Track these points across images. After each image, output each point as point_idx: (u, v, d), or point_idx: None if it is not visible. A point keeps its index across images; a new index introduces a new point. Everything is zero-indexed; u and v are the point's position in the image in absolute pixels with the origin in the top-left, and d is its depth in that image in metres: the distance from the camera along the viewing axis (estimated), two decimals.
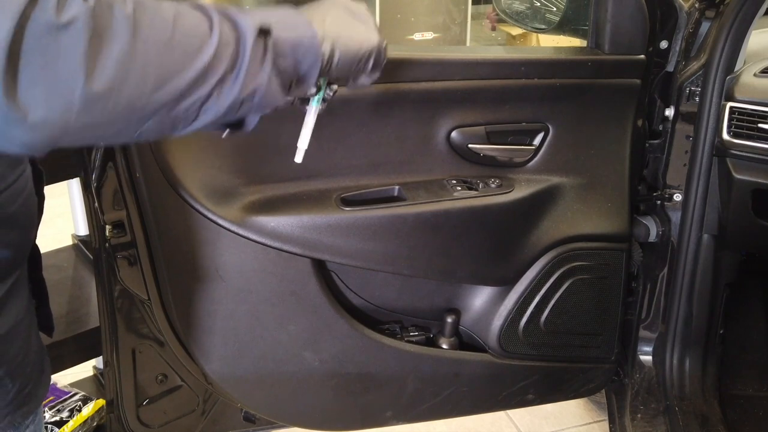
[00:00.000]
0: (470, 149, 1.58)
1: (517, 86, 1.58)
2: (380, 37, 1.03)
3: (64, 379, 1.96)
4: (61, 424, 1.78)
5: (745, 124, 1.64)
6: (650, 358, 1.92)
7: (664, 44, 1.68)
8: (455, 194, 1.55)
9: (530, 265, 1.67)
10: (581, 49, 1.69)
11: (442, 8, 5.85)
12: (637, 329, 1.90)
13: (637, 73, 1.63)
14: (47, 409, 1.81)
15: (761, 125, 1.62)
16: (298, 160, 1.13)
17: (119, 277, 1.53)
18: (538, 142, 1.63)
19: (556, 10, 1.82)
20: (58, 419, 1.79)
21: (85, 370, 2.03)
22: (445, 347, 1.71)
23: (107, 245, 1.50)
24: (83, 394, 1.88)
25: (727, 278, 1.86)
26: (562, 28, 1.81)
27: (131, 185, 1.46)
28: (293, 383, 1.64)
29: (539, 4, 1.86)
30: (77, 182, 2.03)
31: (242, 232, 1.45)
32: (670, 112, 1.73)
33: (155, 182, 1.43)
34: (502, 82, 1.57)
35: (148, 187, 1.44)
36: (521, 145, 1.63)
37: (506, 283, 1.69)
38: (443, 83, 1.53)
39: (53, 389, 1.88)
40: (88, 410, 1.83)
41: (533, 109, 1.61)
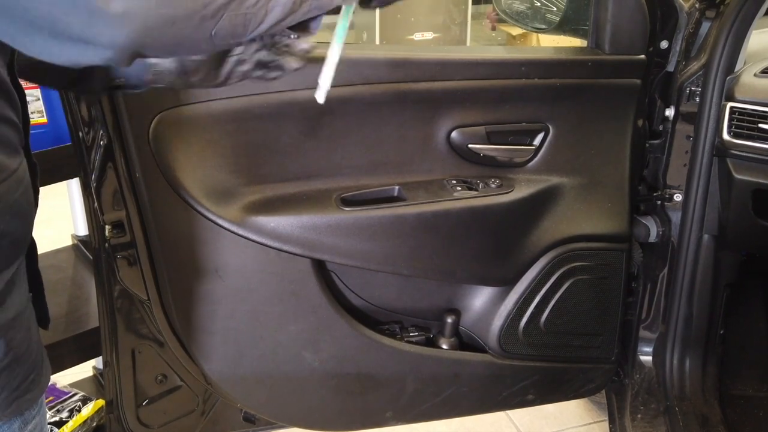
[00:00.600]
0: (470, 149, 1.58)
1: (517, 86, 1.58)
2: None
3: (63, 379, 1.95)
4: (60, 424, 1.78)
5: (745, 124, 1.64)
6: (650, 358, 1.92)
7: (664, 44, 1.68)
8: (455, 194, 1.55)
9: (530, 265, 1.67)
10: (581, 49, 1.69)
11: (442, 8, 5.86)
12: (637, 329, 1.90)
13: (637, 73, 1.63)
14: (47, 409, 1.81)
15: (761, 125, 1.62)
16: (320, 100, 0.98)
17: (119, 277, 1.53)
18: (538, 142, 1.63)
19: (556, 10, 1.82)
20: (57, 419, 1.79)
21: (84, 370, 2.03)
22: (445, 347, 1.71)
23: (107, 245, 1.50)
24: (83, 394, 1.88)
25: (727, 278, 1.86)
26: (562, 28, 1.81)
27: (131, 185, 1.45)
28: (293, 383, 1.64)
29: (539, 4, 1.86)
30: (77, 182, 2.02)
31: (242, 232, 1.45)
32: (670, 112, 1.73)
33: (155, 182, 1.43)
34: (502, 82, 1.57)
35: (147, 187, 1.44)
36: (521, 145, 1.63)
37: (506, 283, 1.69)
38: (443, 83, 1.53)
39: (53, 389, 1.88)
40: (87, 410, 1.83)
41: (533, 109, 1.61)
